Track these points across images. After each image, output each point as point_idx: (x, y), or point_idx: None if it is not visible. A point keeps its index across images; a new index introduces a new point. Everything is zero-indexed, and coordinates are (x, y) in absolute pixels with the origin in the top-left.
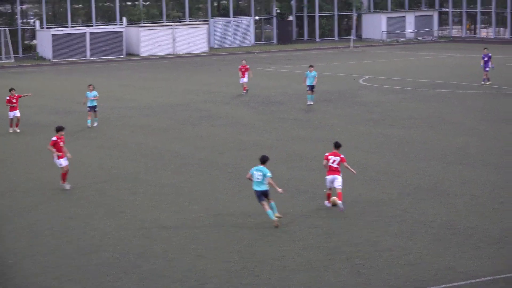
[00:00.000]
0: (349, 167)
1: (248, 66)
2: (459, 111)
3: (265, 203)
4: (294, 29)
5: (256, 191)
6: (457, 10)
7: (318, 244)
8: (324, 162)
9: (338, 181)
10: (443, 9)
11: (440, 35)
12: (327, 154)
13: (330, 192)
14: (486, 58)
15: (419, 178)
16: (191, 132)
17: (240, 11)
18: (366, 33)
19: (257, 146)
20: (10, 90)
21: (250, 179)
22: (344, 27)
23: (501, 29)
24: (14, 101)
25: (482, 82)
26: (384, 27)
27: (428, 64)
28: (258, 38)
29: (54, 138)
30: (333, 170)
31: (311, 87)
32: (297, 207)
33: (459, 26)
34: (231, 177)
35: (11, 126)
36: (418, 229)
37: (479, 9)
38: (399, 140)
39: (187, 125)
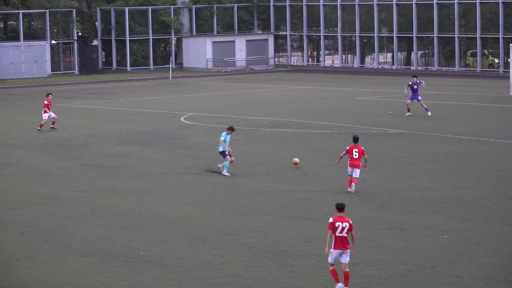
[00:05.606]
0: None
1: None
2: (302, 154)
3: None
4: (100, 56)
5: None
6: (297, 34)
7: None
8: (343, 153)
9: (356, 172)
10: (280, 33)
11: (277, 63)
12: (347, 147)
13: (350, 177)
14: (416, 87)
15: (255, 236)
16: None
17: (33, 34)
18: (188, 61)
19: (56, 199)
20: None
21: None
22: (161, 54)
23: (349, 56)
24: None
25: (409, 113)
26: (209, 54)
27: (263, 98)
28: (56, 67)
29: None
30: (354, 160)
31: (224, 153)
32: (108, 273)
33: (299, 53)
34: (25, 238)
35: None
36: None
37: (322, 32)
38: (231, 190)
39: None
